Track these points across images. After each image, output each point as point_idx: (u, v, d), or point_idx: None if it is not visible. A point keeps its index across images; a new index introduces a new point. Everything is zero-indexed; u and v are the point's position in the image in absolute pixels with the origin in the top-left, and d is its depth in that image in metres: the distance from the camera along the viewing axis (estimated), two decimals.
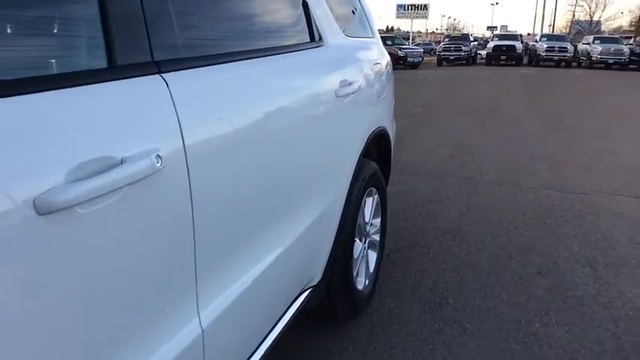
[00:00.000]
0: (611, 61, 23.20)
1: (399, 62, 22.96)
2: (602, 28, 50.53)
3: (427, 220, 3.72)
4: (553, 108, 10.13)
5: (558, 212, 3.90)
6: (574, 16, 52.18)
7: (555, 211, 3.92)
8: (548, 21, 52.04)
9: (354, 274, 2.24)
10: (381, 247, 2.69)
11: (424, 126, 7.93)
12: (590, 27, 48.66)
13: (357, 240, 2.32)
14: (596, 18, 52.33)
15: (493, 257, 3.10)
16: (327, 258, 1.94)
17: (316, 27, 1.91)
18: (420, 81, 17.10)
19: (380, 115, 2.45)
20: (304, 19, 1.87)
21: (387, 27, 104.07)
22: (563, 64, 24.77)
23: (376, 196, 2.51)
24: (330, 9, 2.08)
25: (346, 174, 2.03)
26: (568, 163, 5.51)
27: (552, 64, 24.88)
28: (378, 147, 2.63)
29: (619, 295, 2.65)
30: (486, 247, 3.23)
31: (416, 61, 23.62)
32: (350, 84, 1.96)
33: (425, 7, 43.01)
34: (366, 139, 2.19)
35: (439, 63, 26.78)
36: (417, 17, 43.91)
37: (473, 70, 22.54)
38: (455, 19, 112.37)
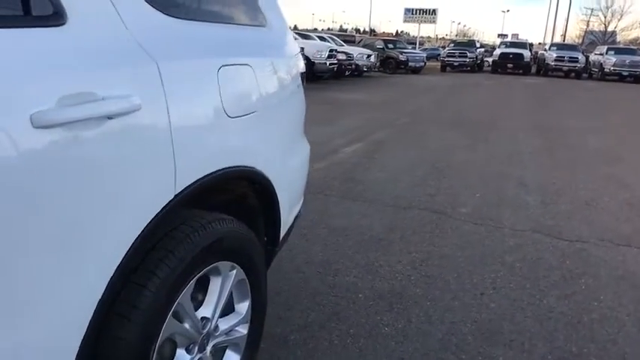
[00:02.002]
0: (625, 74, 22.00)
1: (399, 66, 22.12)
2: (618, 38, 49.05)
3: (364, 274, 2.75)
4: (556, 122, 9.13)
5: (543, 271, 2.92)
6: (588, 25, 50.87)
7: (540, 269, 2.94)
8: (560, 30, 50.67)
9: None
10: (250, 346, 1.72)
11: (405, 139, 6.95)
12: (605, 37, 47.27)
13: (183, 351, 1.38)
14: (611, 28, 50.85)
15: (439, 347, 2.13)
16: None
17: None
18: (417, 87, 16.13)
19: (239, 148, 1.49)
20: None
21: (397, 31, 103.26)
22: (573, 75, 23.64)
23: (234, 272, 1.55)
24: None
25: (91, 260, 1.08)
26: (565, 195, 4.52)
27: (561, 74, 23.76)
28: (243, 197, 1.68)
29: None
30: (432, 329, 2.27)
31: (418, 65, 22.67)
32: (104, 99, 1.00)
33: (433, 11, 41.98)
34: (183, 189, 1.23)
35: (443, 69, 25.82)
36: (425, 22, 42.86)
37: (476, 78, 21.52)
38: (465, 26, 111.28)
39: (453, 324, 2.31)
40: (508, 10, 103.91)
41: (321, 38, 18.81)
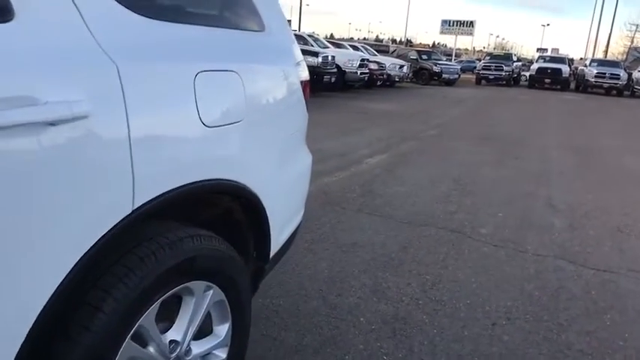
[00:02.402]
0: None
1: (433, 78, 21.87)
2: None
3: (369, 296, 2.60)
4: (592, 141, 8.77)
5: (565, 302, 2.72)
6: (632, 41, 49.25)
7: (561, 299, 2.74)
8: (602, 46, 49.23)
9: None
10: None
11: (431, 153, 6.76)
12: None
13: None
14: None
15: None
16: None
17: None
18: (449, 99, 15.84)
19: (218, 159, 1.37)
20: None
21: (434, 42, 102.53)
22: (614, 92, 22.85)
23: (211, 292, 1.43)
24: None
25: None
26: (596, 219, 4.27)
27: (602, 91, 23.01)
28: (228, 211, 1.56)
29: None
30: None
31: (452, 78, 22.35)
32: (46, 104, 0.90)
33: (471, 23, 41.57)
34: (143, 204, 1.12)
35: (477, 82, 25.37)
36: (462, 34, 42.43)
37: (512, 92, 21.05)
38: (503, 39, 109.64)
39: (460, 357, 2.14)
40: (548, 24, 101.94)
41: (354, 47, 18.71)
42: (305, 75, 1.96)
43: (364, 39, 61.42)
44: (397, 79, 18.70)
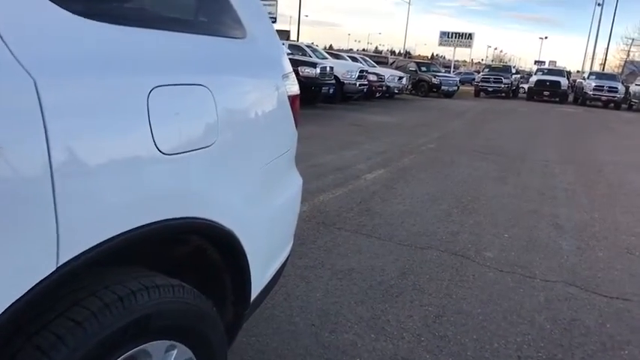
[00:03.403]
0: None
1: (432, 89, 21.75)
2: None
3: (366, 331, 2.37)
4: (593, 156, 8.58)
5: (579, 336, 2.48)
6: (628, 55, 49.35)
7: (575, 333, 2.51)
8: (599, 59, 49.27)
9: None
10: None
11: (431, 168, 6.54)
12: None
13: None
14: None
15: None
16: None
17: None
18: (448, 111, 15.67)
19: (178, 194, 1.14)
20: None
21: (432, 54, 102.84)
22: (612, 105, 22.78)
23: (175, 352, 1.20)
24: None
25: None
26: (604, 239, 4.05)
27: (600, 104, 22.92)
28: (199, 250, 1.33)
29: None
30: None
31: (450, 90, 22.21)
32: None
33: (469, 35, 41.56)
34: (72, 259, 0.89)
35: (476, 94, 25.27)
36: (461, 46, 42.40)
37: (511, 105, 20.92)
38: (501, 51, 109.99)
39: None
40: (546, 37, 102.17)
41: (353, 59, 18.58)
42: (294, 89, 1.75)
43: (363, 50, 61.54)
44: (396, 91, 18.53)
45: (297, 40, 29.46)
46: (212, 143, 1.21)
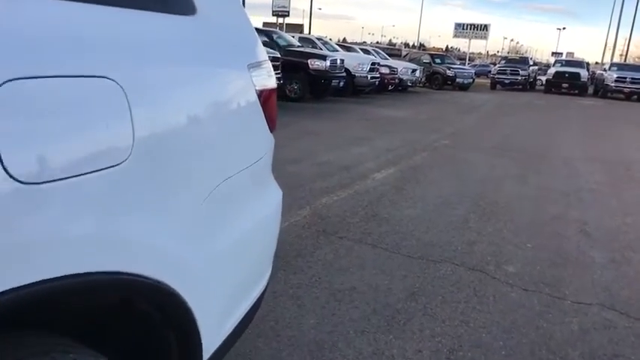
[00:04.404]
0: None
1: (446, 82, 21.23)
2: None
3: None
4: (618, 152, 8.06)
5: None
6: None
7: None
8: (619, 50, 48.00)
9: None
10: None
11: (444, 166, 6.11)
12: None
13: None
14: None
15: None
16: None
17: None
18: (463, 105, 15.15)
19: (66, 238, 0.75)
20: None
21: (447, 46, 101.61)
22: (636, 97, 21.98)
23: None
24: None
25: None
26: None
27: (622, 96, 22.13)
28: (127, 303, 0.95)
29: None
30: None
31: (466, 82, 21.65)
32: None
33: (485, 27, 40.65)
34: None
35: (492, 86, 24.64)
36: (476, 37, 41.51)
37: (528, 97, 20.27)
38: (517, 43, 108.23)
39: None
40: (564, 28, 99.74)
41: (365, 51, 18.10)
42: (269, 83, 1.35)
43: (377, 43, 60.55)
44: (409, 84, 18.04)
45: (309, 33, 28.99)
46: (122, 161, 0.82)
